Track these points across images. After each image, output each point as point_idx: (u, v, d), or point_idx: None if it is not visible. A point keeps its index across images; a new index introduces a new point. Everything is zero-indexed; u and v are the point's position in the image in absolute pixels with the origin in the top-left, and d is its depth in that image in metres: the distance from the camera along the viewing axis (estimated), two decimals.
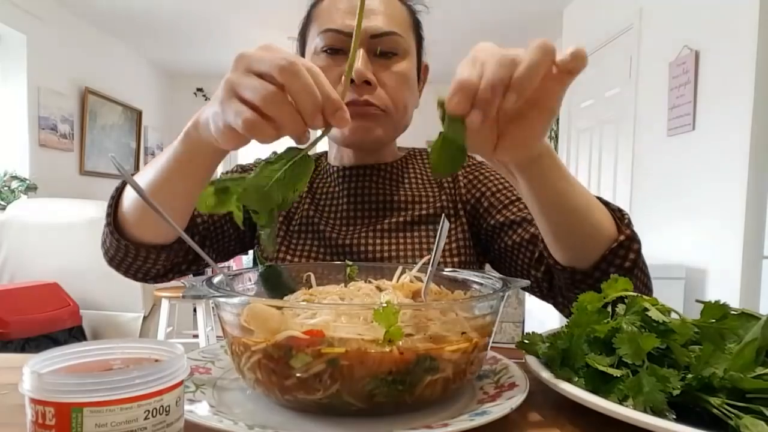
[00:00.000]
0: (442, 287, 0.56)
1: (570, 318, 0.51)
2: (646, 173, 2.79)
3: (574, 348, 0.48)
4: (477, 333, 0.44)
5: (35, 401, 0.29)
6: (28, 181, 3.46)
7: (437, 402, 0.44)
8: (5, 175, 3.41)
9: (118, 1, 3.91)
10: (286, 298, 0.51)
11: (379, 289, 0.53)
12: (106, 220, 0.68)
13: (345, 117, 0.46)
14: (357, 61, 0.72)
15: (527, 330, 2.69)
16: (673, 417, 0.40)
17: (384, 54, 0.76)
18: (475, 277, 0.57)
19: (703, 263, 2.31)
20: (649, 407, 0.40)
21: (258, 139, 0.46)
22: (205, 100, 6.04)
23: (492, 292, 0.51)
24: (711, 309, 0.46)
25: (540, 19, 4.05)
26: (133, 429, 0.29)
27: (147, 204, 0.49)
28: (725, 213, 2.16)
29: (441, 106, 0.45)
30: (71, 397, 0.28)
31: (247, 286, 0.56)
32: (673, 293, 2.30)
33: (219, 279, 0.50)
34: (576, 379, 0.45)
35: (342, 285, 0.55)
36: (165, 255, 0.70)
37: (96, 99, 4.45)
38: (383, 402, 0.40)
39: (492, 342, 0.48)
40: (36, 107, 3.70)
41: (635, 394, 0.41)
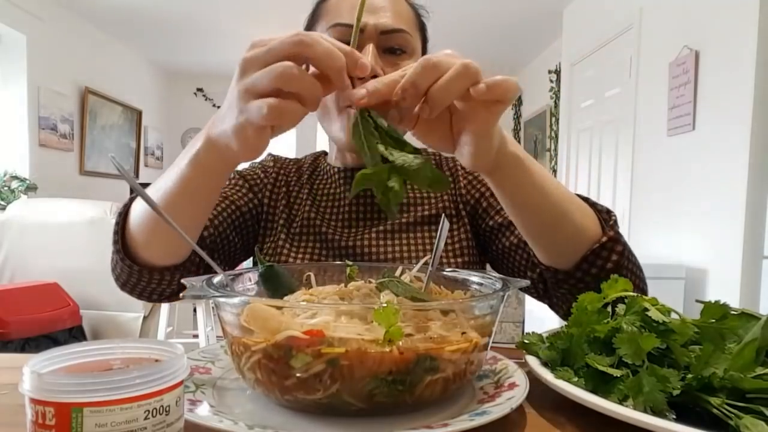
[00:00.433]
0: (442, 287, 0.56)
1: (570, 318, 0.51)
2: (646, 173, 2.79)
3: (574, 348, 0.48)
4: (477, 333, 0.44)
5: (35, 401, 0.29)
6: (28, 181, 3.46)
7: (437, 402, 0.44)
8: (5, 175, 3.41)
9: (118, 1, 3.92)
10: (286, 298, 0.51)
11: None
12: (114, 247, 0.66)
13: (365, 63, 0.47)
14: (367, 55, 0.71)
15: (527, 330, 2.68)
16: (673, 417, 0.40)
17: (393, 51, 0.75)
18: (475, 277, 0.57)
19: (703, 263, 2.31)
20: (649, 407, 0.40)
21: (286, 123, 0.46)
22: (205, 100, 6.04)
23: (492, 292, 0.51)
24: (711, 309, 0.46)
25: (540, 19, 4.05)
26: (133, 429, 0.29)
27: (153, 210, 0.49)
28: (725, 213, 2.16)
29: None
30: (71, 397, 0.28)
31: (247, 286, 0.56)
32: (673, 293, 2.30)
33: (219, 279, 0.50)
34: (576, 379, 0.45)
35: (342, 285, 0.55)
36: (178, 275, 0.69)
37: (96, 99, 4.45)
38: (383, 402, 0.40)
39: (492, 342, 0.48)
40: (36, 107, 3.70)
41: (635, 394, 0.41)
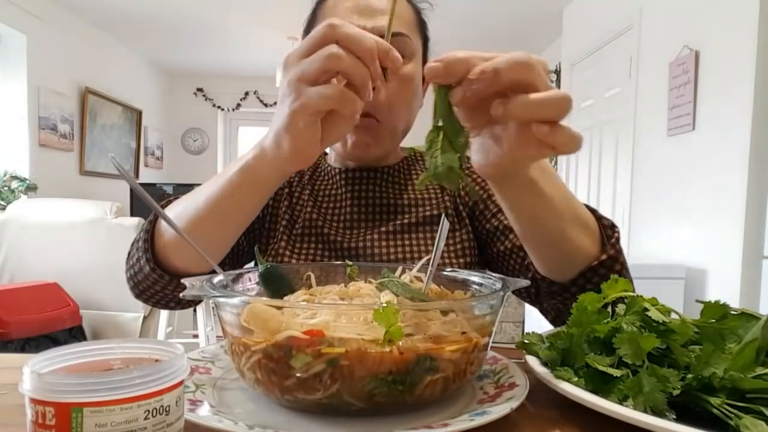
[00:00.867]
0: (442, 287, 0.56)
1: (570, 318, 0.51)
2: (646, 173, 2.79)
3: (574, 348, 0.48)
4: (477, 333, 0.44)
5: (35, 401, 0.29)
6: (28, 181, 3.46)
7: (437, 402, 0.44)
8: (5, 175, 3.41)
9: (118, 1, 3.92)
10: (286, 298, 0.51)
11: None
12: (144, 256, 0.64)
13: (397, 56, 0.47)
14: None
15: (527, 330, 2.68)
16: (673, 417, 0.40)
17: None
18: (475, 277, 0.57)
19: (703, 263, 2.31)
20: (649, 407, 0.40)
21: (347, 109, 0.46)
22: (205, 100, 6.05)
23: (492, 292, 0.51)
24: (711, 309, 0.46)
25: (540, 19, 4.05)
26: (133, 429, 0.29)
27: (155, 210, 0.49)
28: (725, 213, 2.16)
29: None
30: (71, 397, 0.28)
31: (248, 286, 0.56)
32: (673, 293, 2.30)
33: (219, 279, 0.50)
34: (576, 379, 0.45)
35: (342, 285, 0.55)
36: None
37: (96, 99, 4.45)
38: (383, 402, 0.40)
39: (492, 342, 0.48)
40: (36, 107, 3.70)
41: (635, 394, 0.41)
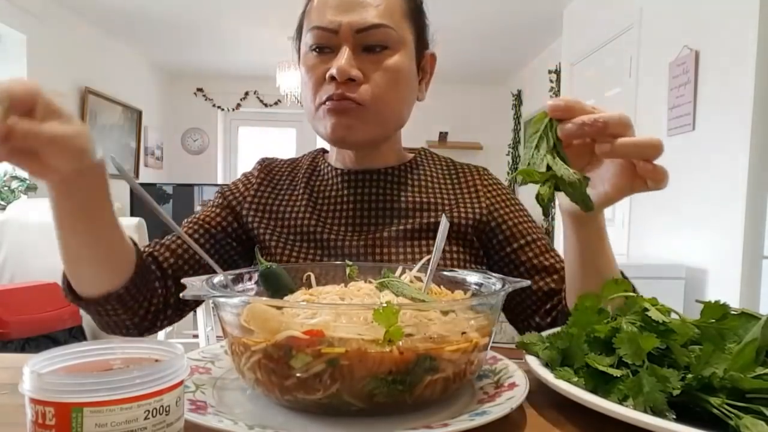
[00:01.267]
0: (442, 287, 0.56)
1: (570, 318, 0.51)
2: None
3: (574, 348, 0.48)
4: (477, 333, 0.44)
5: (35, 401, 0.29)
6: (28, 181, 3.46)
7: (437, 402, 0.44)
8: (5, 175, 3.41)
9: (118, 1, 3.92)
10: (286, 298, 0.51)
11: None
12: (63, 292, 0.68)
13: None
14: (341, 59, 0.71)
15: None
16: (673, 417, 0.40)
17: (371, 48, 0.73)
18: (475, 277, 0.57)
19: (703, 263, 2.31)
20: (649, 407, 0.40)
21: None
22: (205, 100, 6.05)
23: (492, 292, 0.51)
24: (711, 309, 0.46)
25: (540, 19, 4.05)
26: (133, 429, 0.29)
27: (154, 210, 0.49)
28: (725, 213, 2.16)
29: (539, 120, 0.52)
30: (71, 397, 0.28)
31: (247, 286, 0.56)
32: (673, 293, 2.30)
33: (219, 279, 0.50)
34: (576, 379, 0.45)
35: (342, 285, 0.55)
36: (123, 306, 0.68)
37: (96, 99, 4.45)
38: (383, 402, 0.40)
39: (492, 342, 0.48)
40: None
41: (635, 394, 0.41)
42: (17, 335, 2.33)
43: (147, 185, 4.13)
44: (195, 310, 0.92)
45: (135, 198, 4.04)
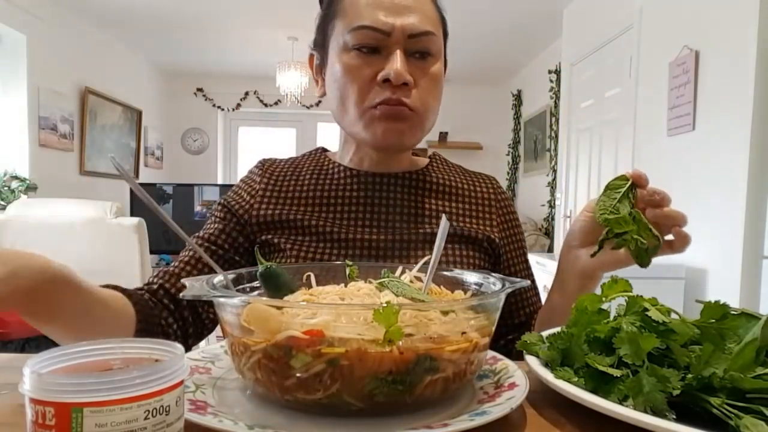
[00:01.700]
0: (442, 287, 0.56)
1: (570, 318, 0.51)
2: (646, 173, 2.79)
3: (574, 348, 0.48)
4: (477, 333, 0.44)
5: (35, 401, 0.29)
6: (28, 181, 3.46)
7: (437, 402, 0.44)
8: (5, 175, 3.41)
9: (118, 1, 3.92)
10: (286, 298, 0.51)
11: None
12: None
13: None
14: (396, 62, 0.70)
15: None
16: (673, 417, 0.40)
17: (421, 54, 0.73)
18: (475, 277, 0.57)
19: (703, 263, 2.31)
20: (649, 407, 0.40)
21: None
22: (205, 100, 6.05)
23: (492, 292, 0.51)
24: (711, 309, 0.46)
25: (540, 19, 4.05)
26: (133, 429, 0.29)
27: (154, 210, 0.49)
28: (725, 213, 2.16)
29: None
30: (71, 397, 0.28)
31: (247, 286, 0.56)
32: (673, 293, 2.30)
33: (219, 279, 0.50)
34: (576, 379, 0.45)
35: (342, 285, 0.55)
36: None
37: (96, 99, 4.45)
38: (383, 402, 0.40)
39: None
40: (36, 107, 3.70)
41: (635, 394, 0.41)
42: (17, 335, 2.33)
43: (147, 185, 4.12)
44: None
45: (135, 198, 4.04)
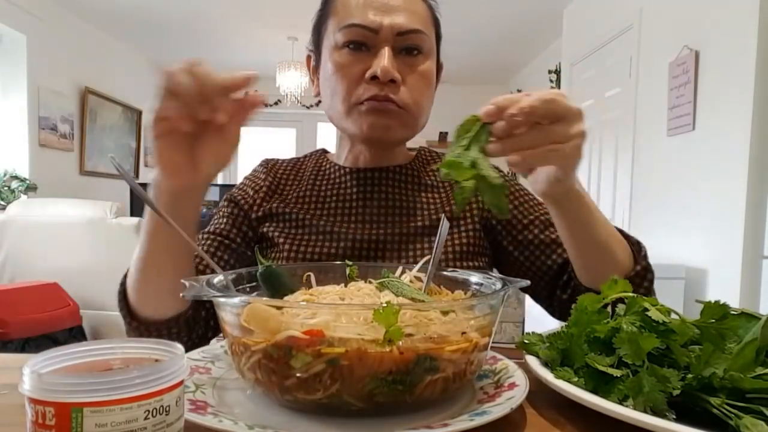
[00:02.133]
0: (442, 287, 0.56)
1: (570, 318, 0.51)
2: (646, 173, 2.79)
3: (574, 348, 0.48)
4: (477, 333, 0.44)
5: (35, 401, 0.29)
6: (28, 181, 3.47)
7: (437, 402, 0.44)
8: (5, 175, 3.41)
9: (118, 1, 3.92)
10: (286, 298, 0.51)
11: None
12: (121, 312, 0.67)
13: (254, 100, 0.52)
14: (383, 59, 0.71)
15: (527, 330, 2.68)
16: (673, 417, 0.40)
17: (409, 51, 0.74)
18: (475, 277, 0.57)
19: (703, 263, 2.31)
20: (649, 407, 0.40)
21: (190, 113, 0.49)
22: None
23: (492, 292, 0.51)
24: (711, 309, 0.46)
25: (540, 19, 4.05)
26: (133, 429, 0.29)
27: (154, 211, 0.49)
28: (725, 213, 2.16)
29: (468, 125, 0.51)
30: (71, 397, 0.28)
31: (247, 286, 0.56)
32: (673, 293, 2.30)
33: (219, 279, 0.50)
34: (576, 379, 0.45)
35: (342, 285, 0.55)
36: (187, 328, 0.68)
37: (96, 99, 4.45)
38: (383, 402, 0.40)
39: (492, 342, 0.48)
40: (36, 107, 3.70)
41: (635, 394, 0.41)
42: (17, 335, 2.33)
43: (147, 185, 4.12)
44: None
45: (135, 198, 4.04)
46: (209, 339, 0.75)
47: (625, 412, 0.38)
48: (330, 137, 6.21)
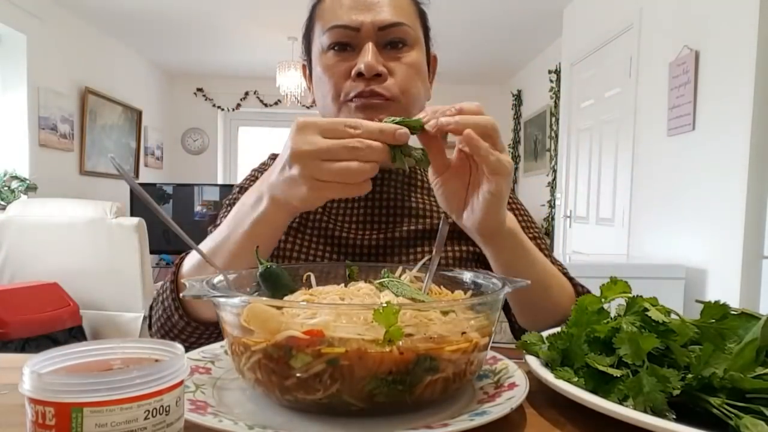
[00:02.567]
0: (442, 287, 0.56)
1: (570, 318, 0.51)
2: (646, 173, 2.79)
3: (574, 348, 0.48)
4: (477, 333, 0.44)
5: (35, 401, 0.29)
6: (28, 181, 3.47)
7: (437, 402, 0.44)
8: (5, 175, 3.41)
9: (118, 1, 3.92)
10: (286, 298, 0.51)
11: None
12: (171, 305, 0.67)
13: (402, 132, 0.54)
14: (366, 55, 0.71)
15: None
16: (673, 417, 0.40)
17: (394, 45, 0.75)
18: (475, 277, 0.57)
19: (703, 263, 2.31)
20: (649, 407, 0.40)
21: (356, 179, 0.53)
22: (205, 100, 6.04)
23: (492, 292, 0.51)
24: (711, 309, 0.46)
25: (540, 19, 4.05)
26: (133, 429, 0.29)
27: (157, 214, 0.49)
28: (725, 213, 2.16)
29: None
30: (71, 397, 0.28)
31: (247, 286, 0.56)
32: (673, 293, 2.30)
33: (219, 279, 0.50)
34: (576, 379, 0.45)
35: (342, 285, 0.55)
36: None
37: (96, 99, 4.45)
38: (383, 402, 0.40)
39: (492, 342, 0.48)
40: (36, 107, 3.70)
41: (635, 394, 0.41)
42: (17, 335, 2.33)
43: (147, 185, 4.12)
44: None
45: (135, 198, 4.04)
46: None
47: (625, 412, 0.38)
48: None
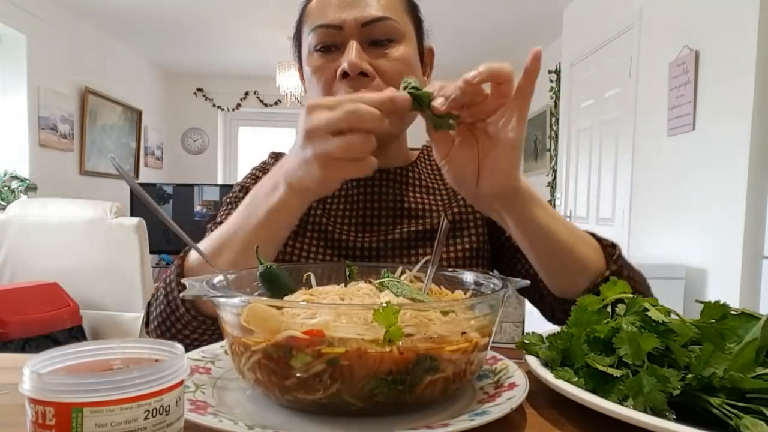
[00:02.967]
0: (442, 287, 0.56)
1: (570, 318, 0.51)
2: (646, 173, 2.79)
3: (574, 348, 0.48)
4: (477, 333, 0.44)
5: (35, 401, 0.29)
6: (28, 181, 3.46)
7: (437, 402, 0.44)
8: (5, 175, 3.41)
9: (118, 1, 3.91)
10: (286, 298, 0.51)
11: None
12: (179, 297, 0.64)
13: (401, 97, 0.58)
14: (350, 53, 0.70)
15: (527, 330, 2.68)
16: (673, 417, 0.40)
17: (379, 42, 0.73)
18: (475, 277, 0.57)
19: (703, 263, 2.31)
20: (649, 407, 0.40)
21: (364, 152, 0.56)
22: (205, 100, 6.04)
23: (492, 292, 0.51)
24: (711, 309, 0.46)
25: (540, 19, 4.05)
26: (133, 429, 0.29)
27: (155, 211, 0.49)
28: (725, 213, 2.16)
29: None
30: (71, 397, 0.28)
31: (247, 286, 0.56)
32: (673, 293, 2.30)
33: (219, 279, 0.50)
34: (576, 379, 0.45)
35: (342, 285, 0.55)
36: None
37: (96, 99, 4.45)
38: (383, 402, 0.40)
39: (492, 342, 0.48)
40: (36, 107, 3.70)
41: (635, 394, 0.41)
42: (17, 335, 2.33)
43: (147, 185, 4.12)
44: None
45: (135, 198, 4.04)
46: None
47: (625, 412, 0.38)
48: None
